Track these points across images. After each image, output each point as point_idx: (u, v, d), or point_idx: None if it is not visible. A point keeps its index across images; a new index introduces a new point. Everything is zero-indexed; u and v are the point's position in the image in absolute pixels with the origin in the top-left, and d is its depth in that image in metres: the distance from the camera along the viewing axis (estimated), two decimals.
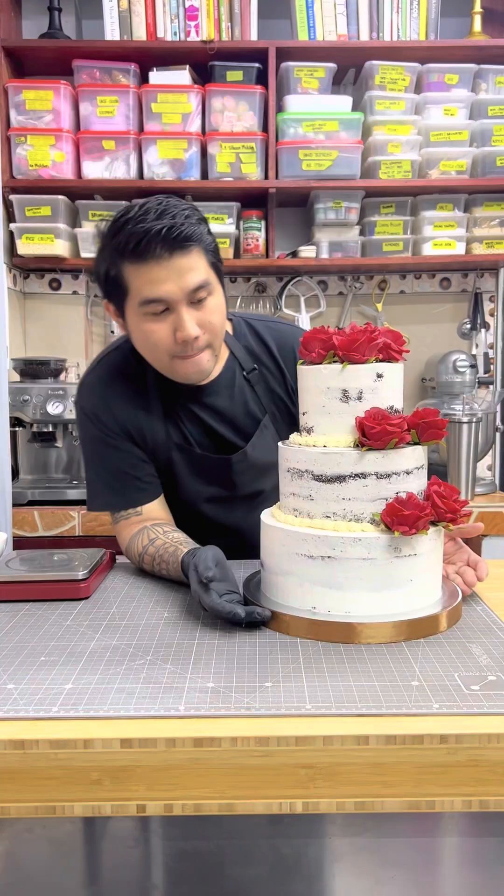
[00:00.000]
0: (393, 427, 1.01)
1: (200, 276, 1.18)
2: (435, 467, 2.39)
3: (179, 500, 1.38)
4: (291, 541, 1.04)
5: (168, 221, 1.13)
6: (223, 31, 2.48)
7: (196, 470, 1.36)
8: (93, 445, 1.34)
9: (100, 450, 1.33)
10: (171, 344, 1.20)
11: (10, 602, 1.18)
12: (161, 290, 1.16)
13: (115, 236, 1.16)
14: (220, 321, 1.24)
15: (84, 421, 1.35)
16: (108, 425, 1.31)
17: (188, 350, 1.20)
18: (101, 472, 1.34)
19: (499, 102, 2.54)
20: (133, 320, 1.22)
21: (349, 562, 1.00)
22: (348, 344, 1.05)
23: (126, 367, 1.33)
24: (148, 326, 1.20)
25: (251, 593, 1.11)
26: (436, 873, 1.15)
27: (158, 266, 1.15)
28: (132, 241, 1.14)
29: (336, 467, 1.03)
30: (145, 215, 1.14)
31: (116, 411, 1.31)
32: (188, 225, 1.15)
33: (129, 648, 0.99)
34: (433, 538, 1.04)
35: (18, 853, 1.15)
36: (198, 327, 1.19)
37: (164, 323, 1.19)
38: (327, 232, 2.61)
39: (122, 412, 1.32)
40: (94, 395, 1.33)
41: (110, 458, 1.32)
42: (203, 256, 1.19)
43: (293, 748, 0.76)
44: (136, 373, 1.32)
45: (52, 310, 2.76)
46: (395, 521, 0.99)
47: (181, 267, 1.16)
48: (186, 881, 1.12)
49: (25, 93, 2.45)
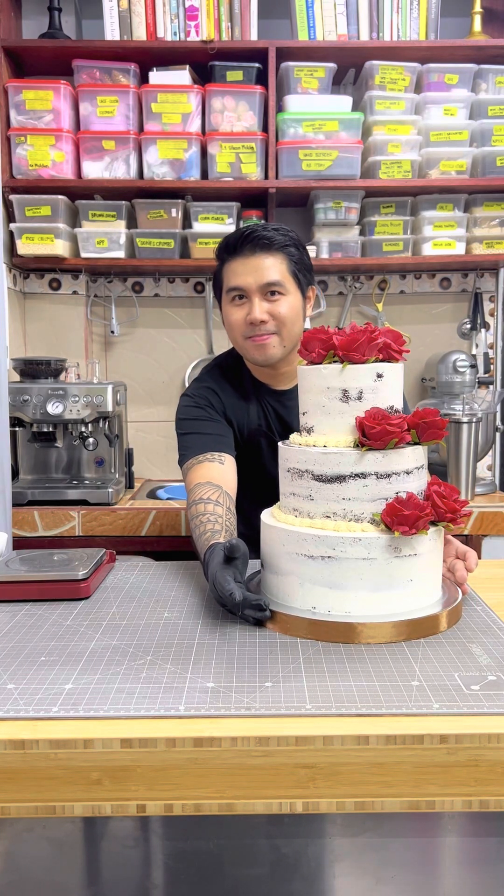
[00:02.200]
0: (393, 427, 1.01)
1: (276, 275, 1.44)
2: (435, 467, 2.39)
3: (263, 477, 1.58)
4: (291, 541, 1.04)
5: (259, 230, 1.44)
6: (223, 31, 2.48)
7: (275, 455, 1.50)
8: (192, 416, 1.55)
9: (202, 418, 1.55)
10: (243, 326, 1.46)
11: (10, 602, 1.18)
12: (241, 280, 1.45)
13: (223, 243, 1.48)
14: (288, 314, 1.46)
15: (190, 402, 1.57)
16: (214, 406, 1.57)
17: (255, 331, 1.45)
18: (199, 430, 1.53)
19: (499, 102, 2.54)
20: (225, 307, 1.51)
21: (349, 562, 1.00)
22: (348, 344, 1.05)
23: (230, 372, 1.62)
24: (229, 309, 1.49)
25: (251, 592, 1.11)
26: (436, 873, 1.15)
27: (243, 262, 1.44)
28: (230, 242, 1.46)
29: (336, 467, 1.03)
30: (245, 229, 1.45)
31: (223, 399, 1.58)
32: (276, 236, 1.44)
33: (129, 648, 0.99)
34: (433, 538, 1.04)
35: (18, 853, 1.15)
36: (266, 314, 1.44)
37: (240, 308, 1.47)
38: (327, 232, 2.61)
39: (228, 403, 1.58)
40: (204, 387, 1.59)
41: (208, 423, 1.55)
42: (284, 262, 1.46)
43: (293, 748, 0.76)
44: (237, 376, 1.61)
45: (52, 310, 2.76)
46: (396, 521, 0.99)
47: (260, 265, 1.44)
48: (186, 881, 1.12)
49: (25, 93, 2.45)
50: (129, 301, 2.82)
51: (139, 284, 2.82)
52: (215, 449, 1.48)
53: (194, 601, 1.18)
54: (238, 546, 1.10)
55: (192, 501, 1.36)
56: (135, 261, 2.55)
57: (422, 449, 1.06)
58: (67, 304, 2.76)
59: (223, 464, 1.46)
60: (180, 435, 1.56)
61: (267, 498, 1.53)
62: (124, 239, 2.53)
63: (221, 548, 1.11)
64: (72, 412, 2.33)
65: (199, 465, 1.46)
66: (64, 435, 2.44)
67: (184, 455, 1.52)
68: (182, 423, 1.56)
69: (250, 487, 1.55)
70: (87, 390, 2.32)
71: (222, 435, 1.52)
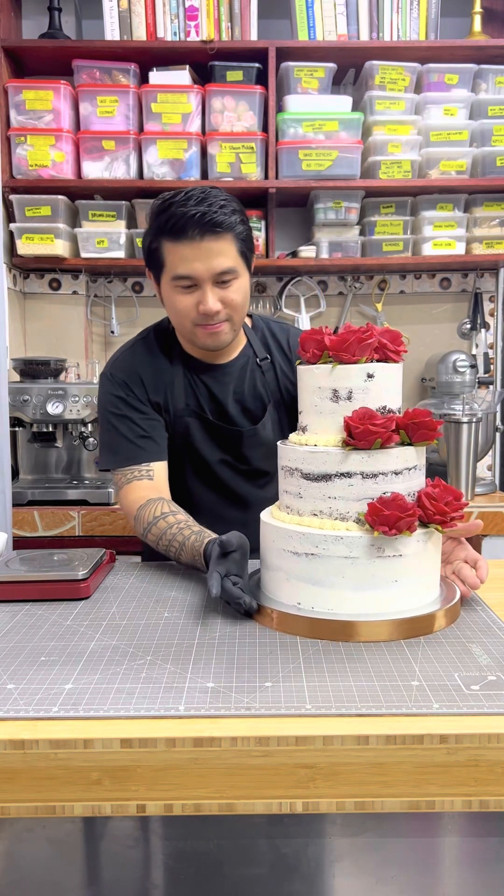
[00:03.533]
0: (376, 427, 1.01)
1: (228, 261, 1.33)
2: (435, 467, 2.39)
3: (196, 461, 1.50)
4: (280, 537, 1.06)
5: (204, 208, 1.29)
6: (223, 31, 2.48)
7: (209, 435, 1.49)
8: (115, 407, 1.46)
9: (122, 409, 1.45)
10: (194, 314, 1.36)
11: (10, 602, 1.18)
12: (190, 268, 1.32)
13: (159, 216, 1.33)
14: (240, 300, 1.38)
15: (110, 386, 1.47)
16: (134, 391, 1.46)
17: (208, 320, 1.36)
18: (120, 430, 1.44)
19: (499, 102, 2.54)
20: (166, 289, 1.39)
21: (331, 560, 1.01)
22: (338, 344, 1.05)
23: (154, 349, 1.50)
24: (176, 297, 1.37)
25: (249, 589, 1.12)
26: (436, 873, 1.15)
27: (191, 247, 1.31)
28: (171, 221, 1.30)
29: (322, 466, 1.03)
30: (187, 201, 1.30)
31: (145, 382, 1.46)
32: (221, 213, 1.31)
33: (129, 648, 0.99)
34: (421, 540, 1.03)
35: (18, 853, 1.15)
36: (219, 303, 1.35)
37: (190, 296, 1.35)
38: (327, 232, 2.61)
39: (150, 384, 1.47)
40: (125, 367, 1.48)
41: (131, 417, 1.45)
42: (233, 243, 1.34)
43: (293, 748, 0.76)
44: (162, 352, 1.49)
45: (52, 310, 2.76)
46: (377, 521, 0.99)
47: (211, 250, 1.31)
48: (186, 881, 1.12)
49: (25, 93, 2.45)
50: (129, 301, 2.82)
51: (139, 284, 2.82)
52: (142, 460, 1.42)
53: (194, 601, 1.18)
54: (229, 542, 1.10)
55: (148, 523, 1.33)
56: (135, 261, 2.55)
57: (413, 450, 1.05)
58: (67, 304, 2.76)
59: (152, 479, 1.41)
60: (103, 429, 1.48)
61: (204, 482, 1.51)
62: (124, 239, 2.53)
63: (217, 543, 1.12)
64: (72, 412, 2.33)
65: (130, 485, 1.41)
66: (64, 435, 2.44)
67: (107, 458, 1.46)
68: (105, 416, 1.47)
69: (185, 471, 1.51)
70: (87, 390, 2.32)
71: (147, 435, 1.43)
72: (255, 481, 1.53)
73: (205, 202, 1.30)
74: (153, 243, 1.36)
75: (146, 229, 1.40)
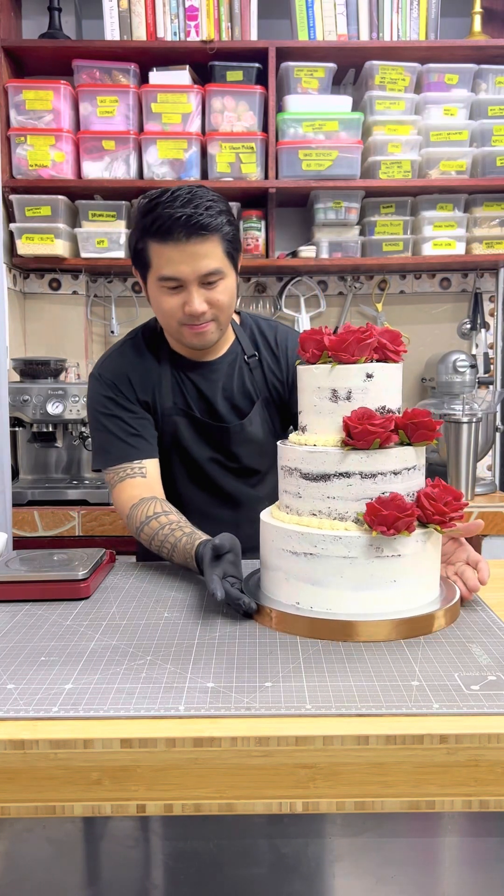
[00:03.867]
0: (375, 427, 1.01)
1: (214, 263, 1.32)
2: (435, 467, 2.39)
3: (186, 460, 1.50)
4: (279, 536, 1.06)
5: (190, 210, 1.28)
6: (223, 31, 2.48)
7: (198, 433, 1.49)
8: (104, 408, 1.46)
9: (112, 409, 1.45)
10: (180, 314, 1.36)
11: (10, 602, 1.18)
12: (176, 270, 1.32)
13: (145, 216, 1.33)
14: (227, 300, 1.38)
15: (99, 387, 1.47)
16: (123, 391, 1.46)
17: (194, 321, 1.36)
18: (111, 429, 1.45)
19: (499, 102, 2.54)
20: (152, 289, 1.39)
21: (330, 559, 1.01)
22: (337, 344, 1.05)
23: (141, 349, 1.50)
24: (162, 297, 1.37)
25: (249, 589, 1.12)
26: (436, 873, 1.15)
27: (177, 249, 1.30)
28: (157, 223, 1.30)
29: (321, 466, 1.03)
30: (173, 201, 1.29)
31: (133, 382, 1.47)
32: (207, 216, 1.29)
33: (129, 648, 0.99)
34: (420, 540, 1.03)
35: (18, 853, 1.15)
36: (205, 304, 1.34)
37: (176, 296, 1.35)
38: (327, 232, 2.61)
39: (138, 384, 1.47)
40: (113, 367, 1.48)
41: (121, 416, 1.45)
42: (219, 245, 1.33)
43: (293, 748, 0.76)
44: (150, 352, 1.50)
45: (52, 310, 2.76)
46: (375, 521, 0.99)
47: (197, 252, 1.30)
48: (186, 881, 1.12)
49: (25, 93, 2.45)
50: (129, 301, 2.82)
51: (139, 284, 2.81)
52: (133, 457, 1.42)
53: (194, 601, 1.18)
54: (222, 544, 1.11)
55: (140, 523, 1.33)
56: None
57: (412, 450, 1.05)
58: (67, 304, 2.76)
59: (145, 476, 1.41)
60: (94, 430, 1.48)
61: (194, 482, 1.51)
62: (124, 239, 2.53)
63: (210, 546, 1.12)
64: (72, 412, 2.33)
65: (122, 483, 1.41)
66: (64, 435, 2.44)
67: (100, 458, 1.46)
68: (95, 416, 1.47)
69: (176, 471, 1.50)
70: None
71: (138, 433, 1.43)
72: (246, 480, 1.52)
73: (191, 203, 1.29)
74: (139, 243, 1.36)
75: (132, 228, 1.40)
